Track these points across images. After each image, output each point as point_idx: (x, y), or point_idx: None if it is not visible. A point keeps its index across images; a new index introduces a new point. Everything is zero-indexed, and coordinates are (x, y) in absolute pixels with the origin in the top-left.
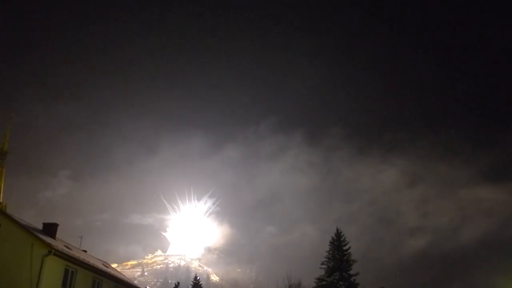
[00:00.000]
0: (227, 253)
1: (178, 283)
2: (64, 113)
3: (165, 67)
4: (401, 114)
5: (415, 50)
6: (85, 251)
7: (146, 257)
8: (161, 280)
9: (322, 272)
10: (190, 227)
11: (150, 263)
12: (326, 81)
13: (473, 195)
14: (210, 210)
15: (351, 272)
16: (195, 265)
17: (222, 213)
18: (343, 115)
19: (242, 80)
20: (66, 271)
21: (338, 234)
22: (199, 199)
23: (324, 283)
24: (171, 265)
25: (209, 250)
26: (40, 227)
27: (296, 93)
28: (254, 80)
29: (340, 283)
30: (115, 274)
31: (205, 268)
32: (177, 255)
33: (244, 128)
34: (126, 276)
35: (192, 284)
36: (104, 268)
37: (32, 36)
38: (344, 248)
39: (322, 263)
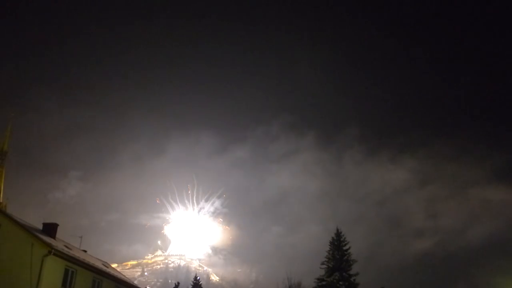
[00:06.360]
0: (232, 254)
1: (178, 283)
2: (72, 113)
3: (174, 66)
4: (414, 114)
5: (428, 51)
6: (85, 251)
7: (146, 257)
8: (161, 280)
9: (323, 272)
10: (195, 227)
11: (150, 263)
12: (340, 81)
13: (483, 196)
14: (218, 211)
15: (351, 272)
16: (195, 265)
17: (229, 214)
18: (356, 116)
19: (253, 79)
20: (66, 271)
21: (338, 234)
22: (206, 199)
23: (324, 283)
24: (171, 265)
25: (215, 251)
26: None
27: (309, 93)
28: (265, 79)
29: (340, 283)
30: (115, 274)
31: (205, 268)
32: (177, 255)
33: (254, 129)
34: (126, 276)
35: (192, 284)
36: (104, 268)
37: (43, 35)
38: (344, 248)
39: (322, 263)
